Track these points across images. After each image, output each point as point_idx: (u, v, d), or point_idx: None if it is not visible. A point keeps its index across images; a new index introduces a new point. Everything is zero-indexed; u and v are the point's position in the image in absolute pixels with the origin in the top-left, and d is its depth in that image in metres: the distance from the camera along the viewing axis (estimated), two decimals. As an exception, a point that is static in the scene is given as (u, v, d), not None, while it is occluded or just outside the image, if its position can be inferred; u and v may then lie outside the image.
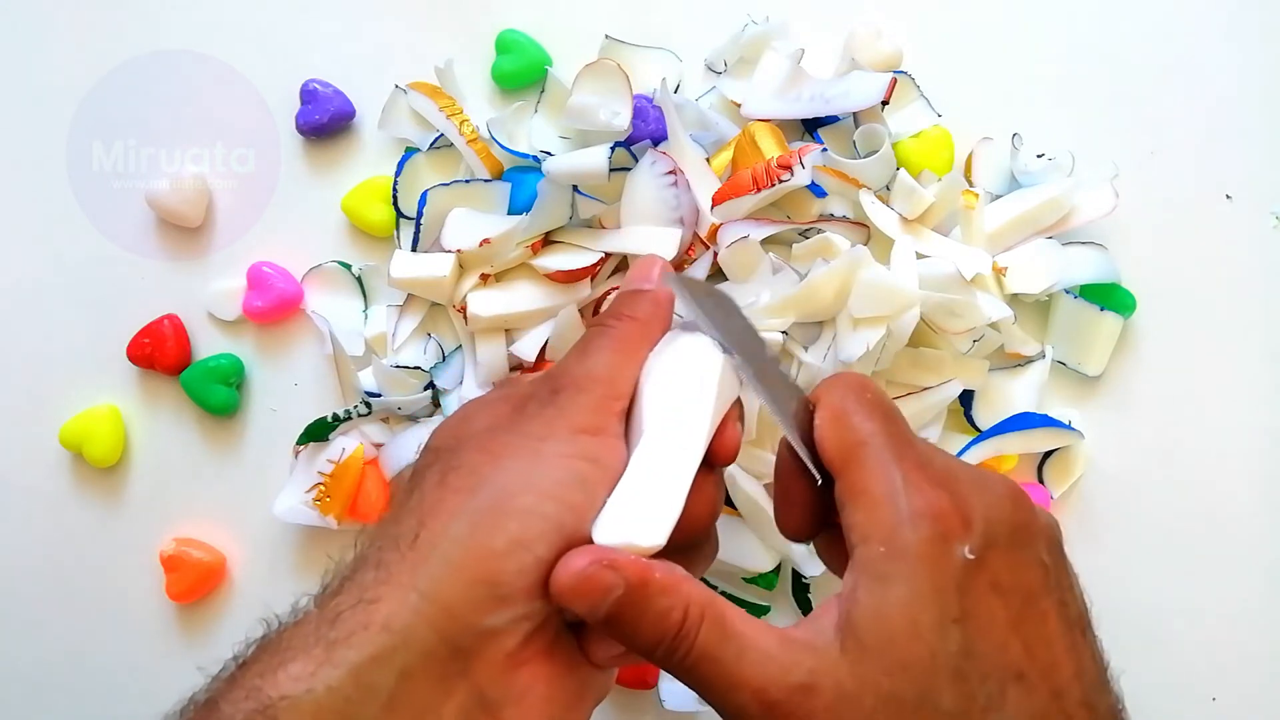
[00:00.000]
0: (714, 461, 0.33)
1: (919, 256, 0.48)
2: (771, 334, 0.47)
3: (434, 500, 0.30)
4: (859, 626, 0.28)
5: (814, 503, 0.33)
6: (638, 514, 0.30)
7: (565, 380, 0.32)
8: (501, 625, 0.28)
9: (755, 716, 0.27)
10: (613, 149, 0.48)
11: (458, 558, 0.28)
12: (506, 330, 0.50)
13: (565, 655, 0.31)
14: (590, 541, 0.29)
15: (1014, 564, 0.29)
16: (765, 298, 0.47)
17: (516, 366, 0.51)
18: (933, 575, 0.28)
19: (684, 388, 0.33)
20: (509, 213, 0.51)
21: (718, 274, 0.50)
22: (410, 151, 0.52)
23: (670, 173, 0.48)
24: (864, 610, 0.28)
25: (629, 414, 0.33)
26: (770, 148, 0.49)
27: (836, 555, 0.32)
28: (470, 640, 0.28)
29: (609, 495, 0.30)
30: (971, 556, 0.28)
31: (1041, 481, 0.51)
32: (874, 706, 0.27)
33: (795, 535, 0.34)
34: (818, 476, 0.32)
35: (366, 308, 0.53)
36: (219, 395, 0.52)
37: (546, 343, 0.49)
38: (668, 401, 0.32)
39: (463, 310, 0.50)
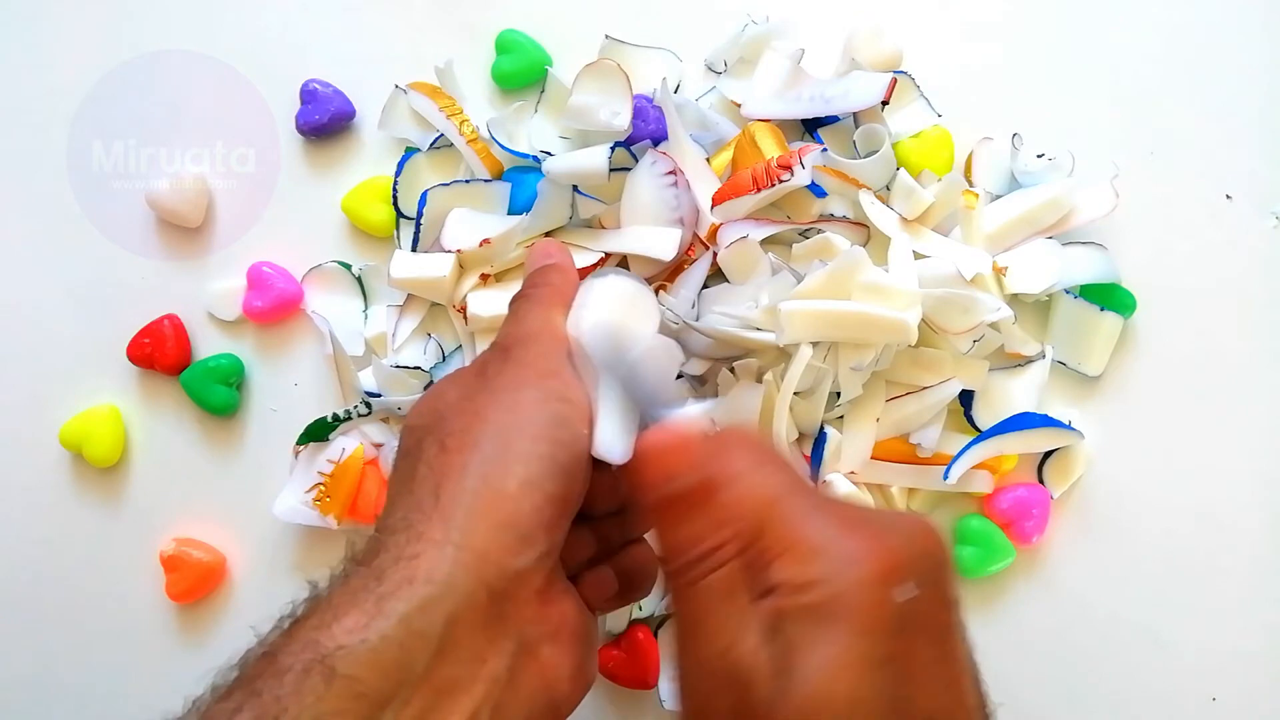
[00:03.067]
0: None
1: (918, 256, 0.48)
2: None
3: (442, 464, 0.32)
4: (788, 662, 0.27)
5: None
6: (617, 433, 0.33)
7: (511, 340, 0.35)
8: (528, 565, 0.30)
9: (709, 668, 0.29)
10: (613, 149, 0.48)
11: (480, 507, 0.30)
12: (506, 330, 0.50)
13: (576, 596, 0.34)
14: (587, 465, 0.33)
15: (934, 602, 0.29)
16: (764, 298, 0.47)
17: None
18: (866, 618, 0.27)
19: (613, 318, 0.37)
20: (509, 213, 0.51)
21: (718, 274, 0.50)
22: (410, 151, 0.52)
23: (670, 173, 0.48)
24: (791, 651, 0.28)
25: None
26: (770, 148, 0.49)
27: None
28: (504, 583, 0.30)
29: (585, 426, 0.33)
30: (902, 600, 0.28)
31: (1041, 481, 0.51)
32: None
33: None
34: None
35: (366, 308, 0.53)
36: (219, 395, 0.52)
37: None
38: (605, 339, 0.35)
39: (463, 310, 0.50)
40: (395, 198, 0.51)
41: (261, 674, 0.28)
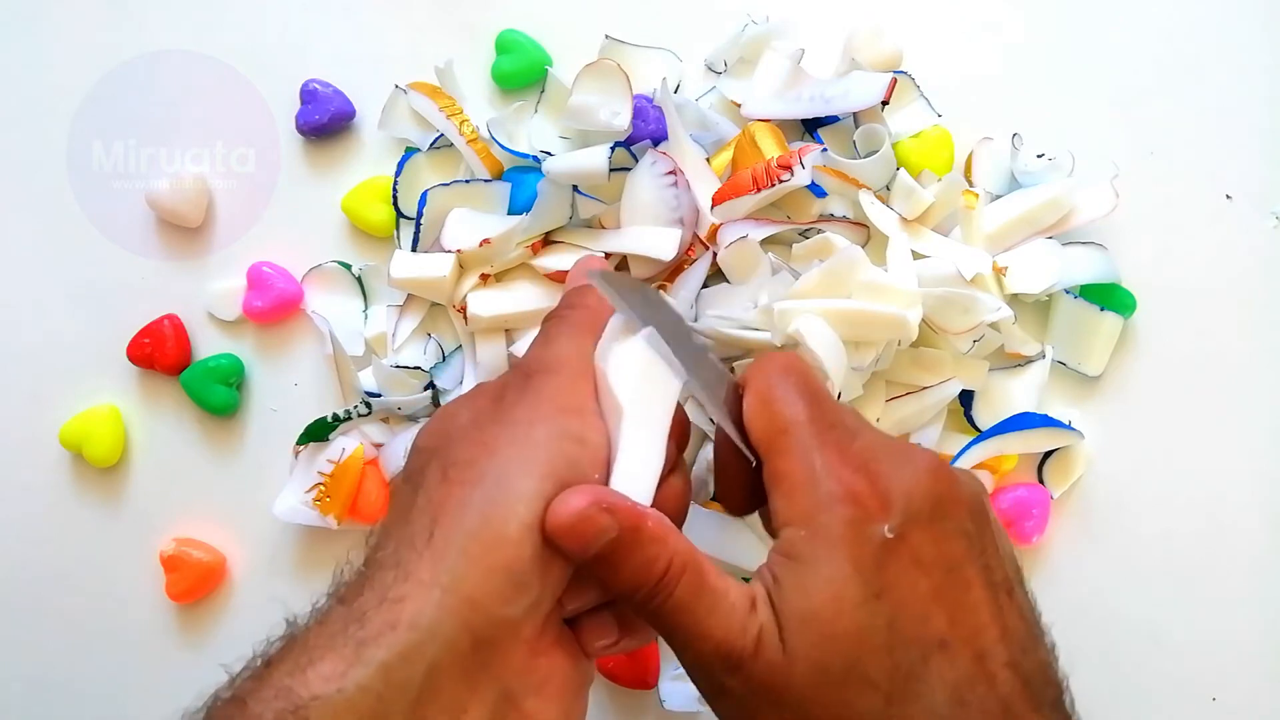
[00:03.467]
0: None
1: (918, 256, 0.48)
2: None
3: (441, 496, 0.30)
4: (785, 604, 0.29)
5: (751, 481, 0.34)
6: (636, 475, 0.32)
7: (536, 366, 0.34)
8: (520, 614, 0.29)
9: (713, 666, 0.29)
10: (613, 149, 0.48)
11: (475, 550, 0.29)
12: (506, 330, 0.50)
13: (570, 644, 0.33)
14: None
15: (935, 537, 0.30)
16: (764, 298, 0.47)
17: (516, 366, 0.51)
18: (852, 555, 0.29)
19: (647, 366, 0.34)
20: (509, 213, 0.51)
21: (718, 274, 0.50)
22: (410, 151, 0.52)
23: (670, 173, 0.48)
24: (788, 590, 0.29)
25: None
26: (770, 148, 0.49)
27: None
28: (492, 631, 0.28)
29: (597, 471, 0.31)
30: (891, 535, 0.29)
31: (1041, 481, 0.51)
32: (805, 673, 0.28)
33: (736, 511, 0.36)
34: (751, 459, 0.33)
35: (366, 308, 0.53)
36: (219, 395, 0.52)
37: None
38: (635, 377, 0.34)
39: (463, 310, 0.50)
40: (395, 198, 0.51)
41: None
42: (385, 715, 0.27)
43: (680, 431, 0.35)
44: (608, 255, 0.49)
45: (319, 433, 0.51)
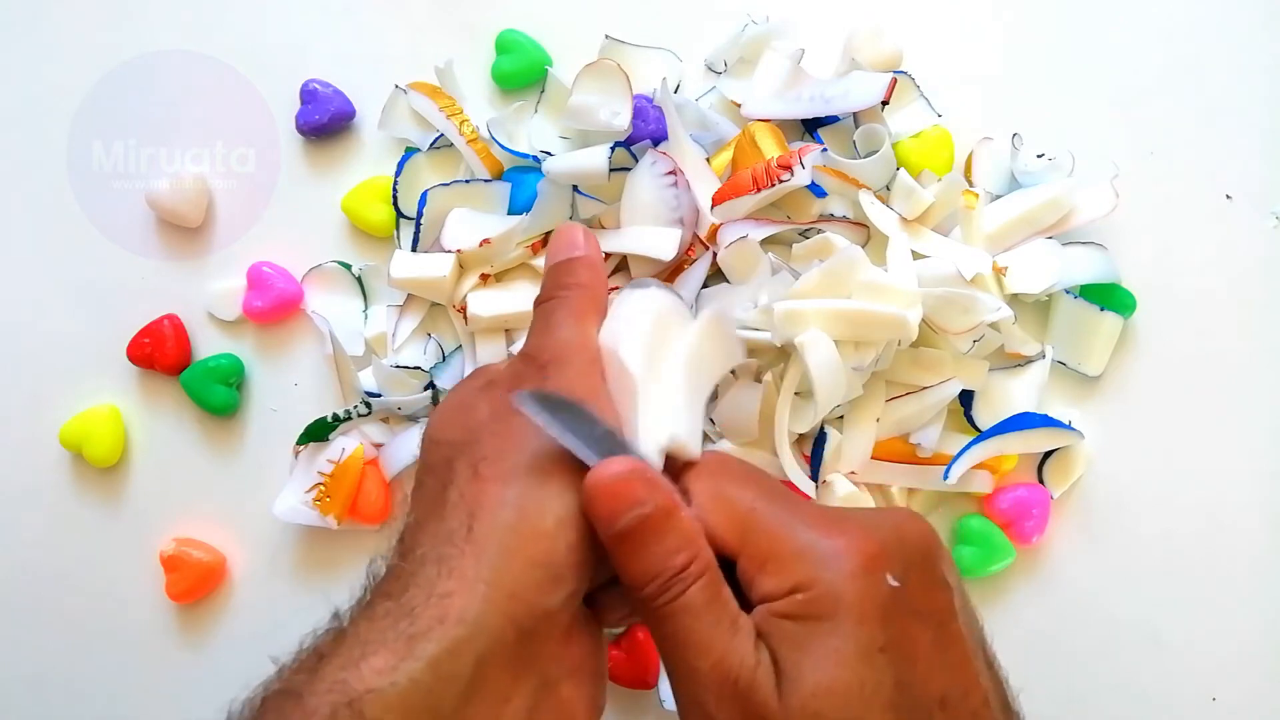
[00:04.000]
0: None
1: (917, 256, 0.48)
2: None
3: (475, 493, 0.30)
4: (785, 658, 0.28)
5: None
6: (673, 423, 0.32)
7: (546, 355, 0.33)
8: (558, 604, 0.29)
9: (706, 688, 0.28)
10: (613, 149, 0.48)
11: (514, 544, 0.29)
12: (506, 330, 0.50)
13: (593, 627, 0.33)
14: None
15: (927, 587, 0.29)
16: (763, 299, 0.47)
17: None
18: (857, 609, 0.28)
19: (656, 336, 0.34)
20: (509, 213, 0.51)
21: (718, 274, 0.50)
22: (410, 151, 0.52)
23: (670, 173, 0.48)
24: (788, 646, 0.28)
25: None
26: (770, 148, 0.49)
27: None
28: (533, 622, 0.29)
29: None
30: (896, 584, 0.28)
31: (1041, 481, 0.51)
32: None
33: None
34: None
35: (366, 308, 0.53)
36: (219, 395, 0.52)
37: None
38: (644, 349, 0.34)
39: (463, 310, 0.50)
40: (395, 198, 0.51)
41: (287, 716, 0.27)
42: (436, 706, 0.27)
43: None
44: (607, 256, 0.49)
45: (319, 433, 0.51)
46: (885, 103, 0.49)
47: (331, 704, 0.27)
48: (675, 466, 0.33)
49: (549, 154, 0.51)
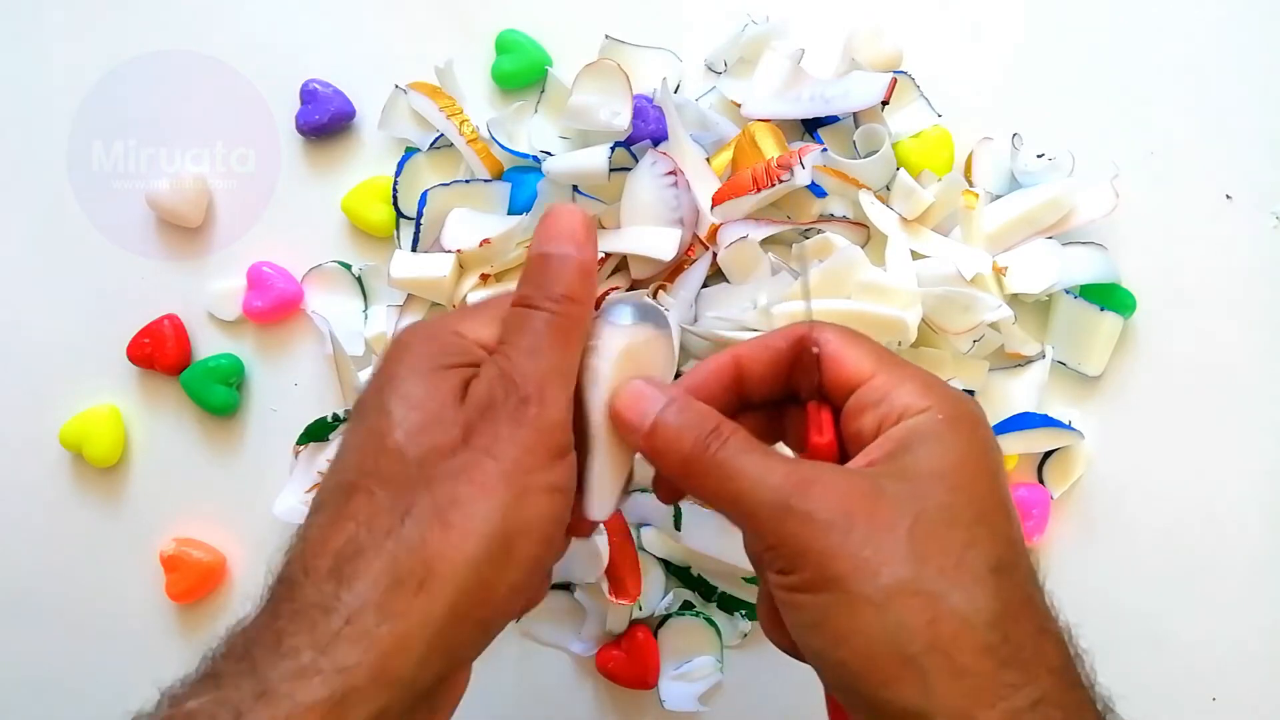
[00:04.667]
0: None
1: (917, 256, 0.48)
2: None
3: (438, 541, 0.28)
4: (917, 459, 0.30)
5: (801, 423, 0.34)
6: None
7: (530, 389, 0.30)
8: (479, 652, 0.30)
9: (782, 498, 0.29)
10: (613, 149, 0.48)
11: (462, 606, 0.28)
12: (506, 330, 0.50)
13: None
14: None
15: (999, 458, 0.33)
16: (763, 299, 0.47)
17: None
18: (981, 438, 0.31)
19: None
20: (509, 213, 0.51)
21: (718, 274, 0.50)
22: (410, 151, 0.52)
23: (670, 173, 0.48)
24: (922, 455, 0.30)
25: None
26: (770, 148, 0.49)
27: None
28: (453, 670, 0.30)
29: (570, 521, 0.32)
30: (991, 443, 0.32)
31: (1041, 481, 0.51)
32: (919, 511, 0.29)
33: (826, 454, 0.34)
34: (809, 397, 0.33)
35: (366, 308, 0.53)
36: (219, 395, 0.52)
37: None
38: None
39: (463, 310, 0.50)
40: (395, 198, 0.51)
41: None
42: None
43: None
44: (607, 255, 0.49)
45: (319, 433, 0.51)
46: (885, 103, 0.49)
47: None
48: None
49: (549, 154, 0.51)
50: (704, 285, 0.49)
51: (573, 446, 0.31)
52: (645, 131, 0.50)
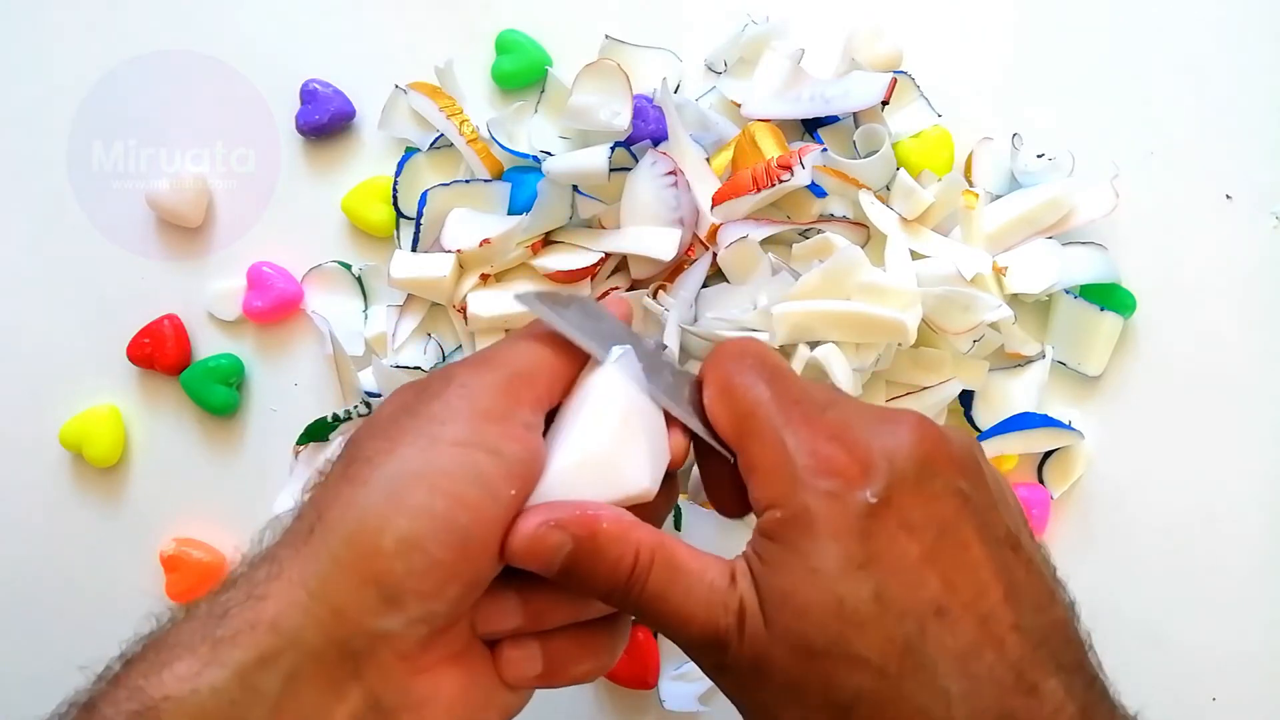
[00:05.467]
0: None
1: (916, 256, 0.48)
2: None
3: (333, 493, 0.28)
4: (765, 581, 0.28)
5: (736, 479, 0.31)
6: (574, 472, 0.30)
7: (476, 359, 0.31)
8: (395, 628, 0.27)
9: (703, 646, 0.29)
10: (613, 149, 0.48)
11: (346, 557, 0.27)
12: (506, 330, 0.50)
13: (473, 665, 0.30)
14: (501, 529, 0.29)
15: (924, 498, 0.28)
16: (763, 299, 0.47)
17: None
18: (832, 528, 0.27)
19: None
20: (509, 213, 0.51)
21: (718, 274, 0.50)
22: (410, 151, 0.52)
23: (670, 173, 0.48)
24: (768, 566, 0.28)
25: (559, 418, 0.32)
26: (770, 148, 0.49)
27: None
28: (361, 643, 0.27)
29: (512, 486, 0.29)
30: (874, 500, 0.28)
31: (1041, 481, 0.51)
32: (787, 650, 0.27)
33: (728, 512, 0.34)
34: (729, 455, 0.31)
35: (366, 308, 0.53)
36: (219, 395, 0.52)
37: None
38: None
39: (463, 310, 0.50)
40: (395, 198, 0.51)
41: None
42: (242, 717, 0.25)
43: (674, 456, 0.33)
44: (607, 256, 0.49)
45: (319, 433, 0.51)
46: (885, 103, 0.49)
47: (127, 713, 0.25)
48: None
49: (549, 154, 0.51)
50: (704, 285, 0.49)
51: (512, 418, 0.30)
52: (645, 131, 0.50)
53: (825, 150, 0.49)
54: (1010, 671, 0.27)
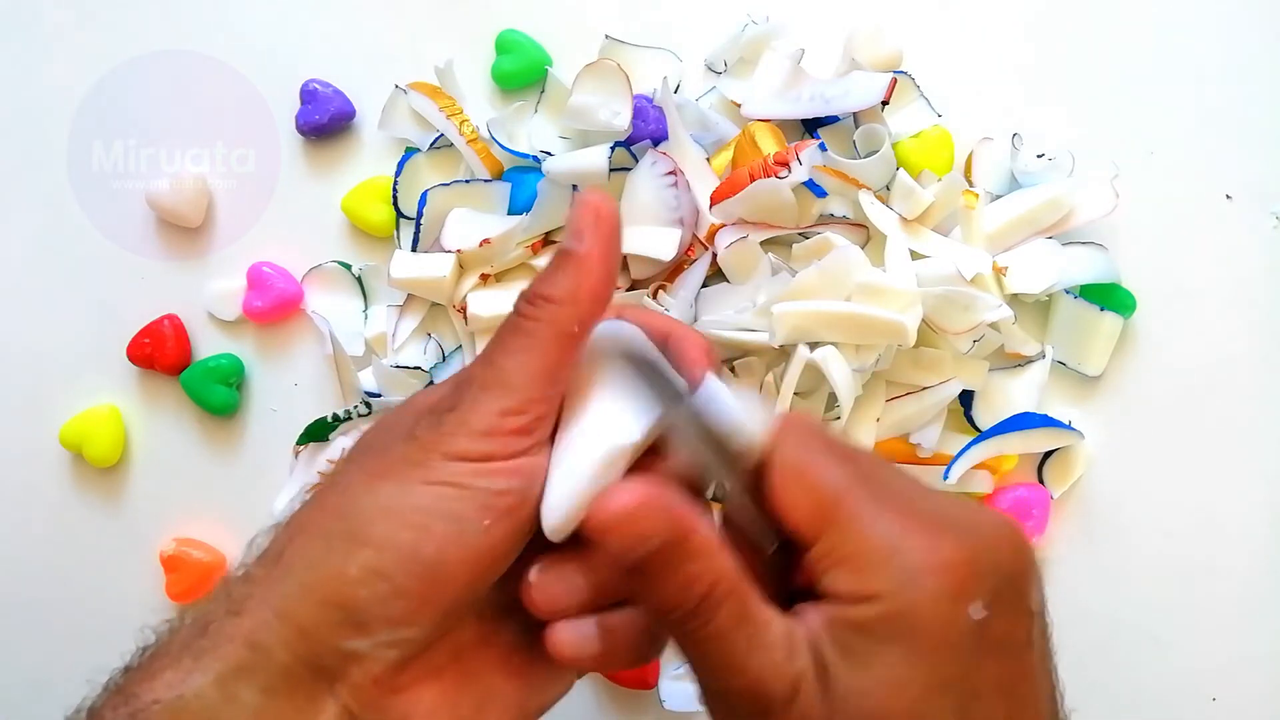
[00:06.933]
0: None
1: (916, 256, 0.48)
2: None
3: (306, 518, 0.29)
4: (842, 679, 0.26)
5: (764, 574, 0.28)
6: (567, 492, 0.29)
7: (465, 393, 0.29)
8: (364, 650, 0.27)
9: (740, 704, 0.27)
10: (613, 149, 0.48)
11: (310, 580, 0.27)
12: (506, 330, 0.50)
13: (460, 679, 0.30)
14: (472, 561, 0.28)
15: (1012, 616, 0.27)
16: (762, 299, 0.47)
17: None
18: (936, 638, 0.25)
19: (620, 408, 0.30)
20: (509, 213, 0.51)
21: (717, 274, 0.50)
22: (410, 151, 0.52)
23: (670, 173, 0.48)
24: (852, 665, 0.26)
25: (563, 413, 0.31)
26: (770, 147, 0.49)
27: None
28: (331, 661, 0.27)
29: (487, 520, 0.28)
30: (982, 615, 0.25)
31: (1041, 481, 0.51)
32: None
33: None
34: (769, 546, 0.29)
35: (366, 308, 0.53)
36: (219, 395, 0.52)
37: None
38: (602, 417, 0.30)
39: (463, 310, 0.50)
40: (395, 198, 0.51)
41: None
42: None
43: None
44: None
45: (319, 433, 0.51)
46: (885, 103, 0.49)
47: (122, 717, 0.27)
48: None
49: (549, 154, 0.51)
50: (704, 285, 0.49)
51: (496, 455, 0.28)
52: (645, 131, 0.50)
53: (823, 147, 0.49)
54: None
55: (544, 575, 0.30)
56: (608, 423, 0.30)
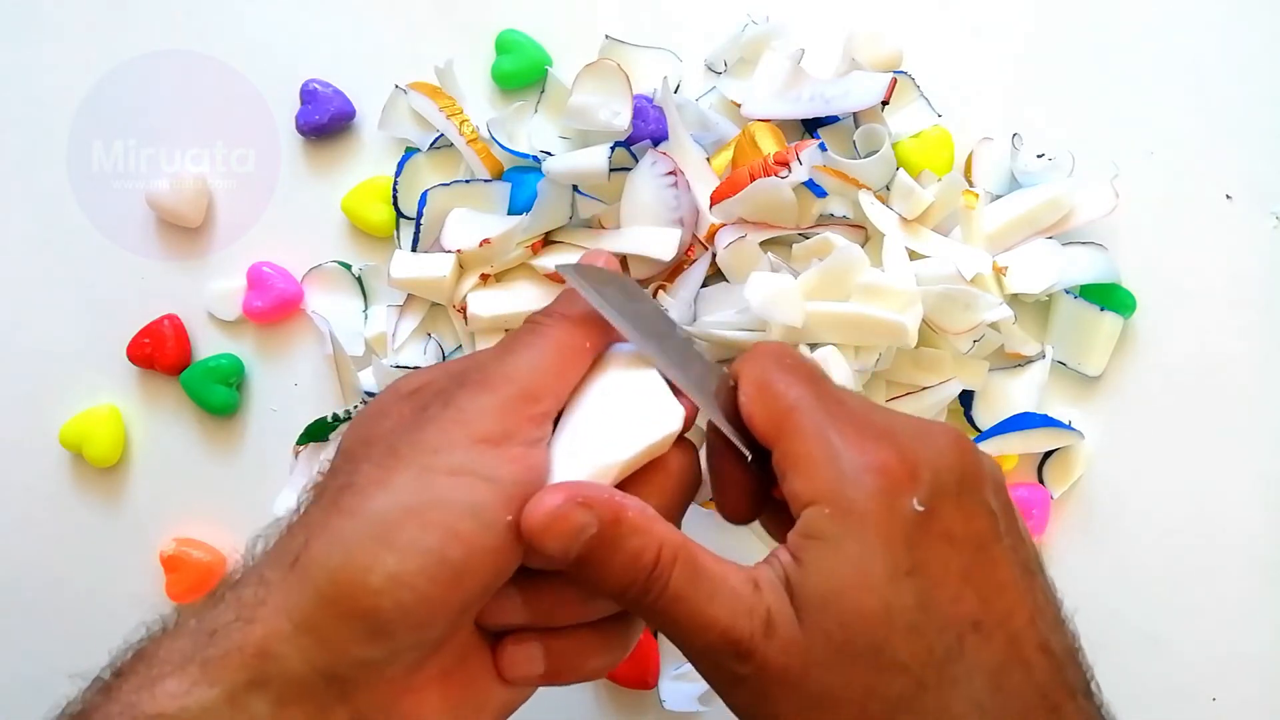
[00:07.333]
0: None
1: (915, 256, 0.48)
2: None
3: (322, 520, 0.28)
4: (806, 583, 0.27)
5: (749, 482, 0.32)
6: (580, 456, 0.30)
7: (472, 376, 0.30)
8: (381, 656, 0.27)
9: (721, 654, 0.28)
10: (613, 149, 0.48)
11: (330, 591, 0.26)
12: (506, 330, 0.50)
13: (464, 677, 0.30)
14: (495, 559, 0.28)
15: (964, 512, 0.29)
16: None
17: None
18: (882, 530, 0.27)
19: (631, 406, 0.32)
20: (509, 213, 0.51)
21: (717, 274, 0.50)
22: (410, 151, 0.52)
23: (670, 173, 0.48)
24: (811, 569, 0.28)
25: (562, 423, 0.31)
26: (770, 147, 0.49)
27: (783, 533, 0.31)
28: (348, 670, 0.27)
29: (509, 512, 0.28)
30: (921, 508, 0.28)
31: (1041, 481, 0.51)
32: (826, 654, 0.27)
33: (737, 518, 0.34)
34: (747, 453, 0.32)
35: (366, 308, 0.53)
36: (219, 395, 0.52)
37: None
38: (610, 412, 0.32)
39: (463, 310, 0.50)
40: (395, 198, 0.51)
41: None
42: None
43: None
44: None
45: (319, 433, 0.51)
46: (885, 103, 0.49)
47: None
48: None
49: (549, 154, 0.51)
50: (704, 285, 0.49)
51: (513, 439, 0.29)
52: (645, 131, 0.50)
53: (823, 147, 0.49)
54: (1036, 691, 0.27)
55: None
56: (602, 440, 0.31)
